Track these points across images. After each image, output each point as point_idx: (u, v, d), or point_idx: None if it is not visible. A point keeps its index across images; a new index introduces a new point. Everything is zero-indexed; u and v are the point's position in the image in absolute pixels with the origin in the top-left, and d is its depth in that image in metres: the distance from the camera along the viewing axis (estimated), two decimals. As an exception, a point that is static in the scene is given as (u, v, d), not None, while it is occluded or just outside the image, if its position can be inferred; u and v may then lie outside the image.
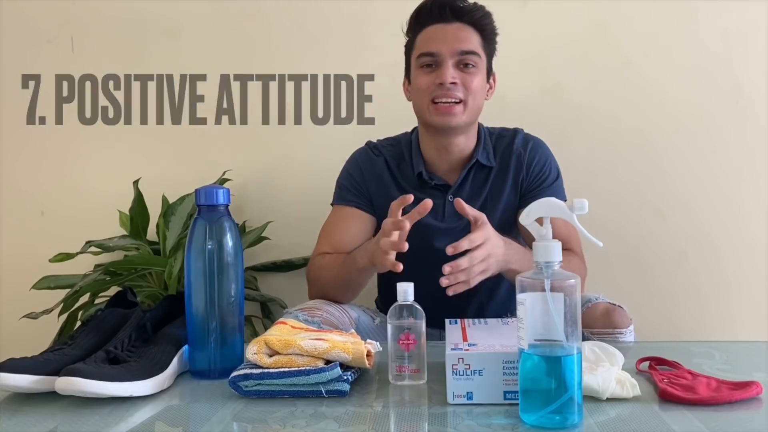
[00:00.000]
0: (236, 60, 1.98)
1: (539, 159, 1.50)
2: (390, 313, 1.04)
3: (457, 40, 1.41)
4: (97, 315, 1.13)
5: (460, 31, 1.42)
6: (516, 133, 1.53)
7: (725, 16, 1.88)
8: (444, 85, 1.39)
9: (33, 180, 2.03)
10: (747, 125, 1.89)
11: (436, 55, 1.40)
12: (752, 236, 1.89)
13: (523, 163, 1.49)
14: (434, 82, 1.40)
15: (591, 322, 1.30)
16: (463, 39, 1.41)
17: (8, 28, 2.02)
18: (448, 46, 1.40)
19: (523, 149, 1.50)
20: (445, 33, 1.41)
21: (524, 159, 1.49)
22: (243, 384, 0.97)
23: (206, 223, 1.10)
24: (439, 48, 1.40)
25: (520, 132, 1.54)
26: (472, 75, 1.41)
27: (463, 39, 1.41)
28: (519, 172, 1.49)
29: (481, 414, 0.89)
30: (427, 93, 1.41)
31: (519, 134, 1.53)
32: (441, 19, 1.42)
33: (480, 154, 1.48)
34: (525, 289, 0.85)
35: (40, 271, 1.83)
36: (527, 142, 1.52)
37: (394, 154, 1.54)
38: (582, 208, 0.88)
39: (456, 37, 1.41)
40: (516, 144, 1.51)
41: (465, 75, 1.41)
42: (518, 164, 1.49)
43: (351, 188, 1.52)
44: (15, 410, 0.96)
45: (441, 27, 1.42)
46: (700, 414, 0.88)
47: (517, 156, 1.50)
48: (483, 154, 1.49)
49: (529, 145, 1.51)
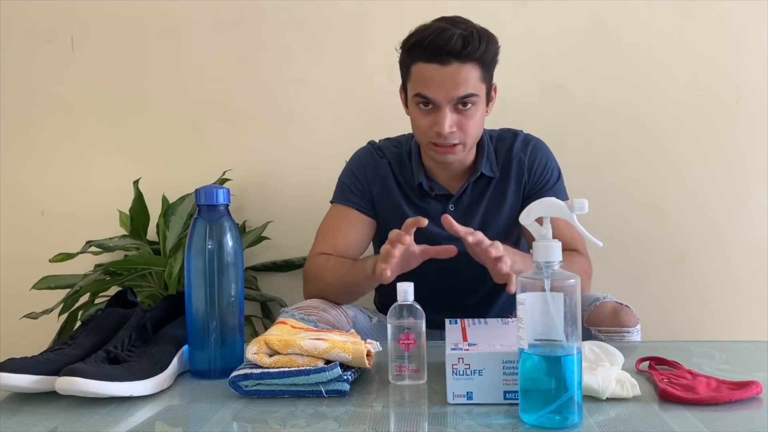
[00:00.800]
0: (236, 60, 1.98)
1: (540, 161, 1.49)
2: (390, 313, 1.04)
3: (455, 85, 1.31)
4: (97, 315, 1.13)
5: (457, 74, 1.30)
6: (516, 135, 1.52)
7: (725, 16, 1.88)
8: (441, 134, 1.35)
9: (33, 180, 2.03)
10: (747, 125, 1.89)
11: (433, 100, 1.33)
12: (752, 236, 1.89)
13: (524, 167, 1.48)
14: (432, 128, 1.35)
15: (598, 321, 1.30)
16: (460, 83, 1.31)
17: (8, 28, 2.02)
18: (445, 93, 1.31)
19: (523, 153, 1.49)
20: (442, 76, 1.30)
21: (525, 162, 1.48)
22: (243, 384, 0.97)
23: (206, 223, 1.10)
24: (435, 95, 1.32)
25: (519, 134, 1.52)
26: (471, 116, 1.36)
27: (461, 83, 1.31)
28: (521, 177, 1.49)
29: (481, 414, 0.89)
30: (425, 134, 1.38)
31: (519, 137, 1.51)
32: (437, 61, 1.30)
33: (484, 166, 1.47)
34: (525, 289, 0.85)
35: (40, 271, 1.83)
36: (527, 144, 1.50)
37: (396, 157, 1.53)
38: (582, 208, 0.88)
39: (453, 83, 1.31)
40: (516, 148, 1.49)
41: (463, 119, 1.35)
42: (519, 169, 1.48)
43: (354, 189, 1.51)
44: (15, 410, 0.96)
45: (437, 69, 1.31)
46: (700, 414, 0.88)
47: (518, 161, 1.49)
48: (487, 166, 1.47)
49: (529, 148, 1.50)
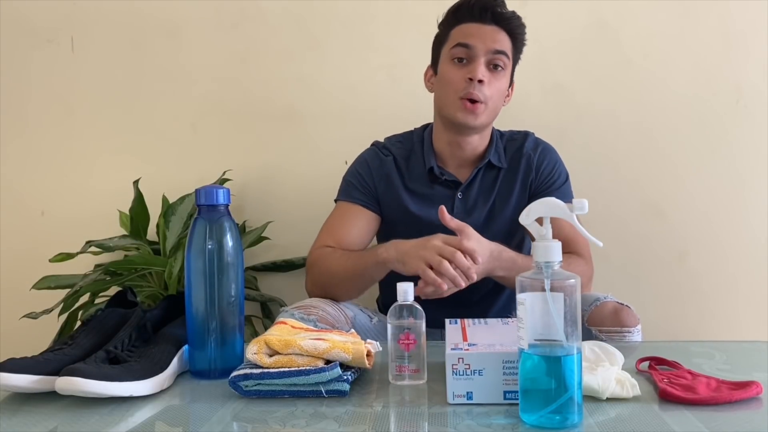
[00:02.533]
0: (236, 60, 1.98)
1: (548, 162, 1.52)
2: (390, 313, 1.04)
3: (493, 40, 1.43)
4: (97, 315, 1.13)
5: (496, 33, 1.44)
6: (526, 136, 1.56)
7: (725, 16, 1.88)
8: (473, 81, 1.40)
9: (33, 180, 2.03)
10: (747, 125, 1.89)
11: (471, 48, 1.42)
12: (752, 236, 1.89)
13: (532, 166, 1.51)
14: (465, 77, 1.42)
15: (599, 321, 1.30)
16: (498, 40, 1.44)
17: (8, 28, 2.02)
18: (483, 43, 1.42)
19: (533, 152, 1.52)
20: (482, 31, 1.44)
21: (534, 161, 1.52)
22: (243, 384, 0.97)
23: (206, 223, 1.10)
24: (475, 42, 1.42)
25: (530, 135, 1.56)
26: (499, 77, 1.44)
27: (498, 40, 1.44)
28: (528, 175, 1.51)
29: (481, 414, 0.89)
30: (456, 88, 1.43)
31: (529, 137, 1.55)
32: (480, 19, 1.44)
33: (492, 154, 1.51)
34: (525, 289, 0.85)
35: (40, 271, 1.83)
36: (537, 145, 1.54)
37: (403, 151, 1.55)
38: (582, 208, 0.88)
39: (492, 37, 1.43)
40: (526, 147, 1.53)
41: (492, 78, 1.43)
42: (528, 167, 1.51)
43: (358, 186, 1.53)
44: (15, 410, 0.96)
45: (478, 26, 1.44)
46: (700, 414, 0.88)
47: (527, 159, 1.52)
48: (495, 155, 1.51)
49: (539, 148, 1.53)
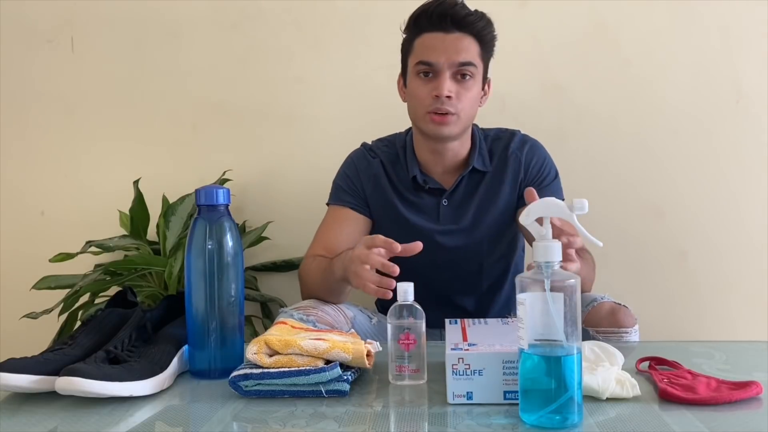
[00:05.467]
0: (236, 60, 1.98)
1: (537, 159, 1.51)
2: (390, 313, 1.04)
3: (456, 51, 1.38)
4: (97, 315, 1.13)
5: (459, 42, 1.39)
6: (513, 135, 1.53)
7: (725, 16, 1.88)
8: (440, 98, 1.38)
9: (33, 180, 2.03)
10: (747, 125, 1.89)
11: (434, 65, 1.39)
12: (752, 236, 1.89)
13: (521, 165, 1.49)
14: (431, 93, 1.39)
15: (596, 322, 1.30)
16: (461, 50, 1.39)
17: (8, 28, 2.02)
18: (446, 57, 1.38)
19: (519, 151, 1.50)
20: (444, 43, 1.39)
21: (522, 160, 1.50)
22: (243, 384, 0.97)
23: (206, 223, 1.10)
24: (437, 59, 1.38)
25: (517, 134, 1.54)
26: (468, 87, 1.40)
27: (462, 50, 1.39)
28: (517, 174, 1.49)
29: (481, 414, 0.89)
30: (423, 104, 1.41)
31: (516, 136, 1.53)
32: (441, 28, 1.39)
33: (476, 160, 1.49)
34: (525, 289, 0.85)
35: (40, 271, 1.83)
36: (524, 143, 1.52)
37: (389, 156, 1.54)
38: (582, 208, 0.88)
39: (455, 48, 1.38)
40: (513, 147, 1.51)
41: (461, 88, 1.40)
42: (516, 166, 1.50)
43: (347, 189, 1.53)
44: (15, 410, 0.96)
45: (440, 36, 1.39)
46: (700, 414, 0.88)
47: (514, 158, 1.50)
48: (479, 160, 1.49)
49: (526, 146, 1.51)
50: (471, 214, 1.49)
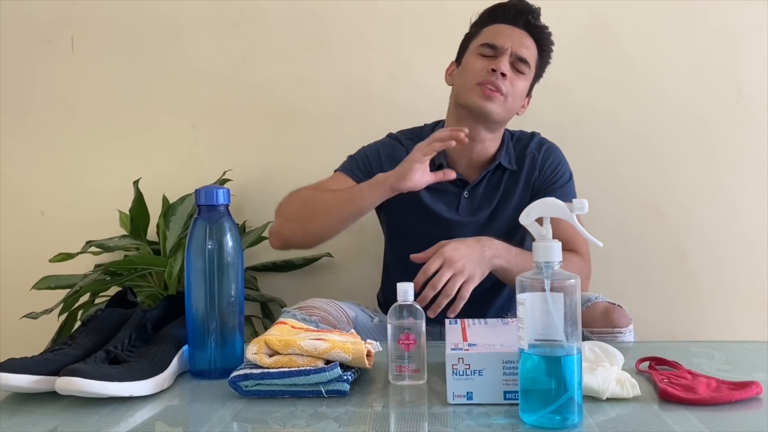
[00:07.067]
0: (236, 60, 1.98)
1: (552, 161, 1.54)
2: (390, 313, 1.04)
3: (521, 44, 1.47)
4: (97, 315, 1.13)
5: (526, 38, 1.48)
6: (532, 136, 1.58)
7: (725, 16, 1.88)
8: (496, 72, 1.43)
9: (33, 180, 2.03)
10: (747, 125, 1.89)
11: (499, 48, 1.45)
12: (752, 236, 1.89)
13: (536, 165, 1.53)
14: (488, 67, 1.44)
15: (591, 322, 1.30)
16: (525, 45, 1.48)
17: (8, 28, 2.02)
18: (511, 44, 1.46)
19: (537, 151, 1.55)
20: (513, 34, 1.47)
21: (537, 160, 1.53)
22: (243, 384, 0.97)
23: (206, 223, 1.10)
24: (503, 43, 1.45)
25: (536, 135, 1.58)
26: (520, 80, 1.47)
27: (526, 47, 1.48)
28: (532, 173, 1.53)
29: (481, 414, 0.89)
30: (477, 75, 1.45)
31: (535, 137, 1.58)
32: (513, 22, 1.48)
33: (503, 157, 1.53)
34: (525, 289, 0.85)
35: (40, 271, 1.83)
36: (542, 145, 1.56)
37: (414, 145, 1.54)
38: (582, 208, 0.88)
39: (520, 42, 1.47)
40: (531, 146, 1.55)
41: (514, 77, 1.46)
42: (532, 165, 1.53)
43: (362, 167, 1.54)
44: (15, 410, 0.96)
45: (510, 27, 1.48)
46: (700, 414, 0.88)
47: (531, 158, 1.54)
48: (506, 157, 1.53)
49: (543, 147, 1.55)
50: (489, 210, 1.52)
